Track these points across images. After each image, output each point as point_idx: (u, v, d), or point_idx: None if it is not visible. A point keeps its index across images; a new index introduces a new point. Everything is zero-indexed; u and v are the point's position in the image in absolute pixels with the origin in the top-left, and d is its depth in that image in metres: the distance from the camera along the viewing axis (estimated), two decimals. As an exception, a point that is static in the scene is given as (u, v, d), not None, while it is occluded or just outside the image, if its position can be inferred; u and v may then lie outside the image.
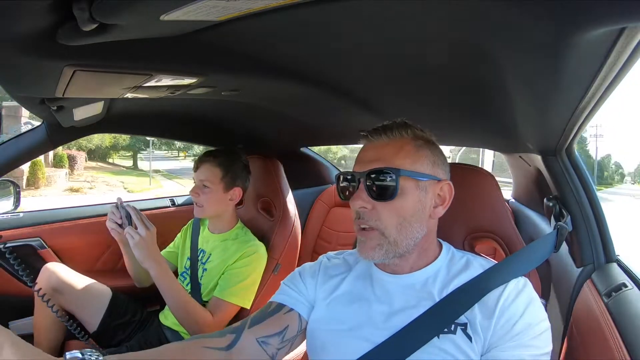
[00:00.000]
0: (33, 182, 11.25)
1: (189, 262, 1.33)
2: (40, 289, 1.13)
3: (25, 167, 10.63)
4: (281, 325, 0.70)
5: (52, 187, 12.11)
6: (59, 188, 12.38)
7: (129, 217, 1.16)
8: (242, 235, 1.31)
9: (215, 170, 1.27)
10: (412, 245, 0.66)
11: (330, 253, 0.82)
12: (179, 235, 1.45)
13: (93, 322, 1.26)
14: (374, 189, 0.64)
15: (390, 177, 0.63)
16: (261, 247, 1.29)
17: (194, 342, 0.68)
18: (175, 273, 1.37)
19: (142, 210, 1.67)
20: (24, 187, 10.52)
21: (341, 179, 0.70)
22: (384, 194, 0.64)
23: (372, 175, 0.64)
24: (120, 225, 1.17)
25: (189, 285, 1.29)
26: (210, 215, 1.30)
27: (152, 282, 1.34)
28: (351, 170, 0.69)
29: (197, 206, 1.28)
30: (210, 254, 1.29)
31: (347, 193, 0.69)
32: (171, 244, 1.45)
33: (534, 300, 0.62)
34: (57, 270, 1.25)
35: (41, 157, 11.57)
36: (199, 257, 1.32)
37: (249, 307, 1.23)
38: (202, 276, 1.28)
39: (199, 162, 1.30)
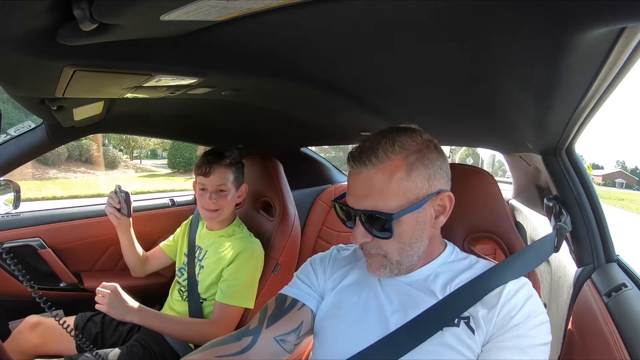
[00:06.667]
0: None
1: (186, 259, 1.33)
2: (41, 294, 1.13)
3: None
4: (297, 321, 0.72)
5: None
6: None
7: (127, 201, 1.28)
8: (239, 232, 1.31)
9: (228, 172, 1.27)
10: (415, 259, 0.67)
11: (341, 245, 0.84)
12: (179, 229, 1.45)
13: (93, 322, 1.26)
14: (371, 228, 0.64)
15: (385, 222, 0.62)
16: (257, 245, 1.29)
17: (208, 352, 0.68)
18: (174, 266, 1.40)
19: (142, 209, 1.69)
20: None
21: (337, 208, 0.69)
22: (380, 235, 0.63)
23: (366, 216, 0.63)
24: (119, 210, 1.27)
25: (186, 281, 1.29)
26: (224, 218, 1.31)
27: (147, 273, 1.42)
28: (344, 203, 0.66)
29: (210, 212, 1.26)
30: (206, 251, 1.30)
31: (345, 224, 0.69)
32: (171, 237, 1.46)
33: (534, 295, 0.64)
34: None
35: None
36: (196, 254, 1.32)
37: (252, 307, 1.23)
38: (198, 273, 1.28)
39: (210, 167, 1.25)
